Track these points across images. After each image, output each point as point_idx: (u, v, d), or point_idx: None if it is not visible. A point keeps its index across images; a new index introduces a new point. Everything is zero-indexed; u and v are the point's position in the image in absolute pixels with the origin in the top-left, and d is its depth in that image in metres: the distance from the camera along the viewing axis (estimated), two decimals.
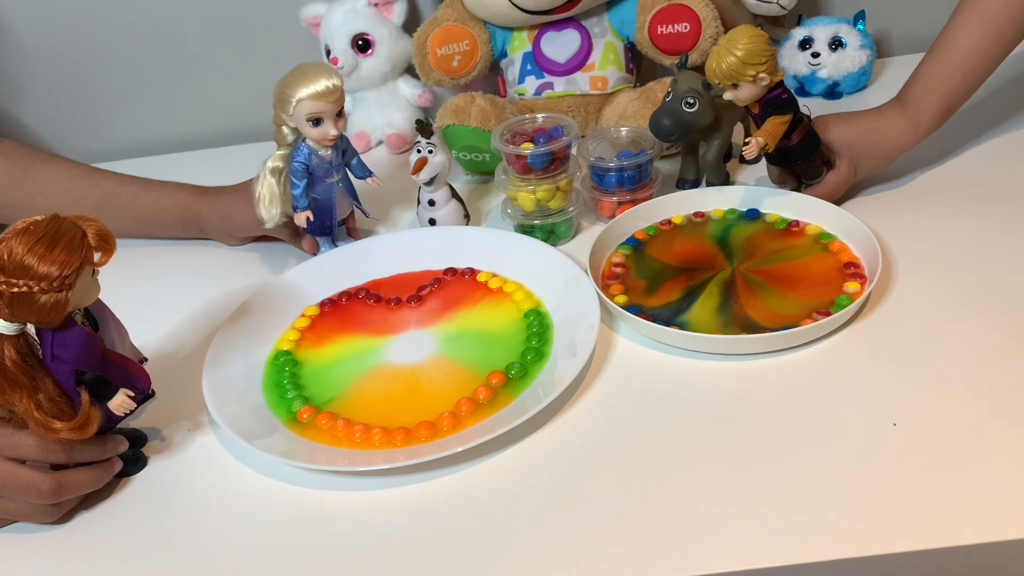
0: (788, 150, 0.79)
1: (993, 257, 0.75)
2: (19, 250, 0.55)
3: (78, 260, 0.56)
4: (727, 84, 0.75)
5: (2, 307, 0.56)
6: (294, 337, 0.77)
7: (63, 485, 0.61)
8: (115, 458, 0.65)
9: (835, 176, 0.82)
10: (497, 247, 0.83)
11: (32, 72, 1.13)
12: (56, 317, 0.57)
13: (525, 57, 1.00)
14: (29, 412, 0.58)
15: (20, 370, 0.58)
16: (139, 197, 0.91)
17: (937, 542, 0.53)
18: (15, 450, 0.61)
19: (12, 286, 0.55)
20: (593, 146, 0.87)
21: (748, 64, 0.73)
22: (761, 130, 0.76)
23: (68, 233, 0.56)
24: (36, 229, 0.56)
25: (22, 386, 0.58)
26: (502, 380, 0.69)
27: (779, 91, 0.76)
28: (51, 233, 0.56)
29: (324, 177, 0.81)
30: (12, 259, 0.55)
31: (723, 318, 0.72)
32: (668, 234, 0.83)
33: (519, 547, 0.57)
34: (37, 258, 0.55)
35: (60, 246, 0.56)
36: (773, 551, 0.54)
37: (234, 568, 0.59)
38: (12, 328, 0.57)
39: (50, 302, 0.56)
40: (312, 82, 0.75)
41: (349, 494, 0.63)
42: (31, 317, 0.57)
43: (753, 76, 0.74)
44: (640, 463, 0.61)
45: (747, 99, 0.76)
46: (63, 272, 0.55)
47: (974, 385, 0.63)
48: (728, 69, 0.74)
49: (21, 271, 0.55)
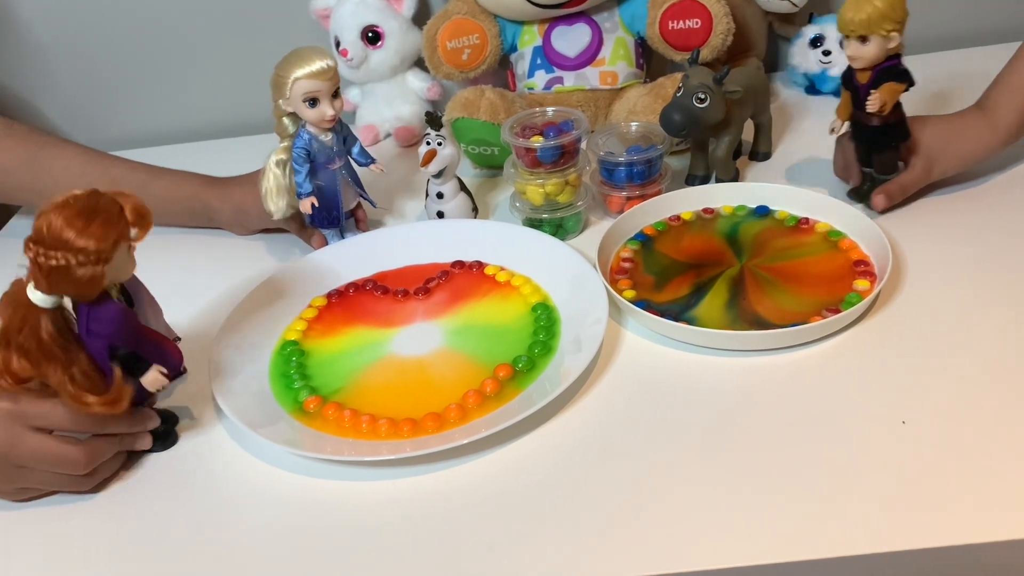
0: (880, 128, 0.77)
1: (1004, 256, 0.75)
2: (58, 223, 0.55)
3: (115, 235, 0.57)
4: (855, 36, 0.73)
5: (40, 279, 0.57)
6: (301, 327, 0.77)
7: (94, 454, 0.62)
8: (146, 433, 0.66)
9: (908, 175, 0.80)
10: (505, 240, 0.83)
11: (46, 61, 1.13)
12: (92, 291, 0.58)
13: (535, 51, 1.00)
14: (63, 385, 0.59)
15: (55, 343, 0.58)
16: (149, 185, 0.91)
17: (946, 540, 0.53)
18: (46, 419, 0.61)
19: (50, 258, 0.55)
20: (603, 141, 0.87)
21: (887, 17, 0.71)
22: (881, 89, 0.74)
23: (106, 208, 0.57)
24: (75, 203, 0.56)
25: (57, 359, 0.59)
26: (509, 373, 0.69)
27: (896, 60, 0.74)
28: (89, 207, 0.56)
29: (327, 163, 0.82)
30: (51, 231, 0.55)
31: (732, 314, 0.72)
32: (677, 230, 0.83)
33: (524, 539, 0.57)
34: (75, 232, 0.55)
35: (98, 220, 0.56)
36: (781, 547, 0.54)
37: (238, 556, 0.59)
38: (49, 301, 0.58)
39: (87, 276, 0.56)
40: (306, 62, 0.76)
41: (355, 484, 0.63)
42: (68, 290, 0.57)
43: (887, 31, 0.72)
44: (647, 458, 0.61)
45: (870, 58, 0.73)
46: (100, 246, 0.56)
47: (984, 384, 0.63)
48: (867, 18, 0.71)
49: (59, 244, 0.55)
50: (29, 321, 0.58)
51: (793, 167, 0.92)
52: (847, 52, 0.75)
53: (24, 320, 0.58)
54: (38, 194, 0.91)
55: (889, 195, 0.80)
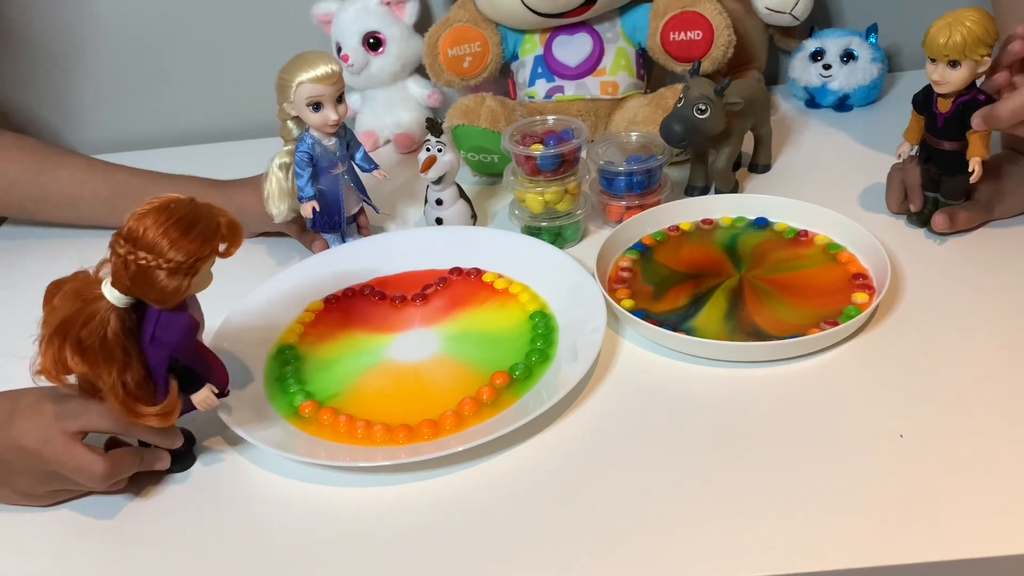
0: (955, 153, 0.74)
1: (1003, 270, 0.75)
2: (155, 227, 0.54)
3: (209, 248, 0.56)
4: (945, 61, 0.70)
5: (123, 277, 0.56)
6: (298, 332, 0.77)
7: (114, 471, 0.61)
8: (165, 453, 0.64)
9: (974, 209, 0.78)
10: (504, 248, 0.83)
11: (46, 65, 1.13)
12: (174, 300, 0.57)
13: (536, 60, 1.00)
14: (115, 389, 0.57)
15: (118, 344, 0.57)
16: (150, 189, 0.90)
17: (942, 555, 0.52)
18: (79, 420, 0.60)
19: (140, 259, 0.54)
20: (603, 150, 0.87)
21: (981, 41, 0.69)
22: (972, 146, 0.72)
23: (205, 220, 0.56)
24: (176, 209, 0.55)
25: (116, 360, 0.57)
26: (506, 381, 0.69)
27: (976, 91, 0.72)
28: (189, 217, 0.55)
29: (329, 168, 0.81)
30: (145, 234, 0.54)
31: (730, 325, 0.72)
32: (676, 240, 0.83)
33: (518, 548, 0.56)
34: (170, 240, 0.54)
35: (196, 231, 0.55)
36: (775, 560, 0.53)
37: (230, 561, 0.58)
38: (125, 300, 0.57)
39: (172, 285, 0.55)
40: (311, 67, 0.76)
41: (349, 490, 0.62)
42: (149, 294, 0.56)
43: (980, 56, 0.70)
44: (643, 468, 0.61)
45: (957, 84, 0.71)
46: (193, 257, 0.55)
47: (982, 398, 0.63)
48: (962, 41, 0.68)
49: (151, 247, 0.54)
50: (97, 316, 0.56)
51: (792, 179, 0.92)
52: (932, 77, 0.72)
53: (91, 315, 0.56)
54: (42, 203, 0.93)
55: (953, 219, 0.78)
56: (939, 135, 0.75)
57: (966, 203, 0.79)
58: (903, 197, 0.82)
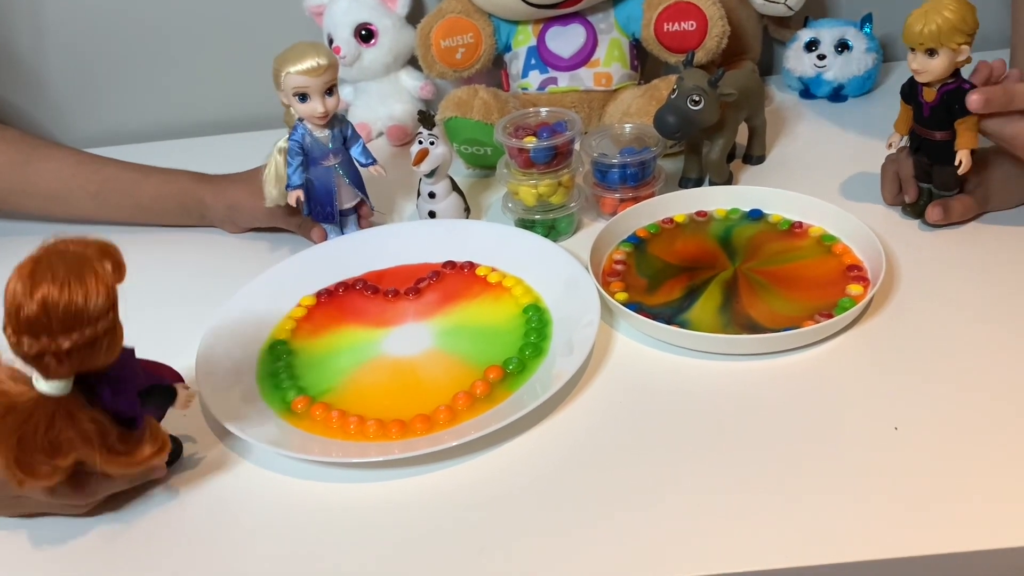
0: (945, 143, 0.74)
1: (997, 261, 0.75)
2: (55, 295, 0.47)
3: (110, 280, 0.50)
4: (923, 49, 0.71)
5: (55, 367, 0.48)
6: (290, 327, 0.77)
7: (95, 494, 0.59)
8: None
9: (967, 201, 0.77)
10: (497, 241, 0.82)
11: (34, 57, 1.12)
12: (116, 351, 0.51)
13: (529, 51, 0.99)
14: (107, 462, 0.53)
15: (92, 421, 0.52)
16: (141, 184, 0.91)
17: (937, 548, 0.52)
18: None
19: (72, 340, 0.48)
20: (596, 142, 0.86)
21: (958, 30, 0.69)
22: (960, 137, 0.72)
23: (79, 257, 0.49)
24: (51, 264, 0.48)
25: (90, 438, 0.52)
26: (500, 375, 0.69)
27: (961, 80, 0.72)
28: (67, 264, 0.48)
29: (320, 159, 0.81)
30: (55, 310, 0.47)
31: (724, 318, 0.71)
32: (670, 232, 0.83)
33: (512, 543, 0.56)
34: (82, 296, 0.47)
35: (87, 274, 0.48)
36: (770, 553, 0.53)
37: (223, 557, 0.58)
38: (69, 384, 0.51)
39: (109, 339, 0.50)
40: (299, 59, 0.76)
41: (342, 486, 0.62)
42: (95, 363, 0.50)
43: (958, 44, 0.70)
44: (637, 462, 0.61)
45: (937, 73, 0.71)
46: (109, 296, 0.49)
47: (977, 390, 0.63)
48: (937, 30, 0.69)
49: (74, 319, 0.47)
50: (57, 414, 0.51)
51: (787, 171, 0.92)
52: (912, 65, 0.72)
53: (50, 417, 0.50)
54: (29, 196, 0.91)
55: (947, 211, 0.77)
56: (926, 125, 0.75)
57: (960, 195, 0.78)
58: (898, 189, 0.82)
